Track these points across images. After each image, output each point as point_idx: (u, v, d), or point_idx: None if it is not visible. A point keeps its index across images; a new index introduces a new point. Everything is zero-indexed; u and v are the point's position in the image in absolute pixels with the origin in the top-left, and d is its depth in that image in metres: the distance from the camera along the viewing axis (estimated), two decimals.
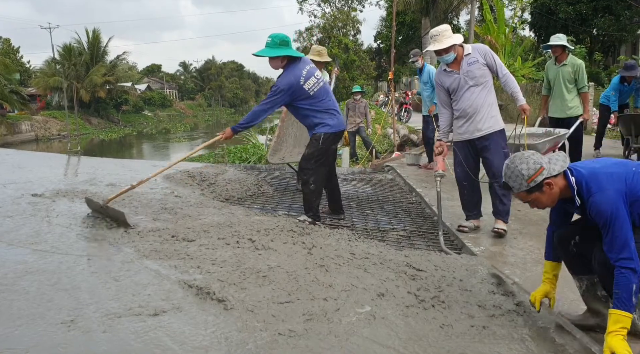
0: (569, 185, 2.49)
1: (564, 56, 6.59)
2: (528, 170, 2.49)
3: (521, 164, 2.51)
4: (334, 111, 4.77)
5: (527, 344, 2.62)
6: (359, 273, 3.41)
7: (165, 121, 55.55)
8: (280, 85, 4.50)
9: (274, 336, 2.53)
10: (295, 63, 4.61)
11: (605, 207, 2.34)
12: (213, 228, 4.18)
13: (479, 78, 4.56)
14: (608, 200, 2.35)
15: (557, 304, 2.96)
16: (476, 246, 4.24)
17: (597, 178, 2.43)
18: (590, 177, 2.45)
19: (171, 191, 5.51)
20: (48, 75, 42.11)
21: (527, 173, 2.49)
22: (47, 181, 5.60)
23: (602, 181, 2.41)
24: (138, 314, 2.62)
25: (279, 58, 4.56)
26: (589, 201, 2.42)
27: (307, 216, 4.77)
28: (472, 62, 4.57)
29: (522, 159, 2.53)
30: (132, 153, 30.18)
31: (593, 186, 2.42)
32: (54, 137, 37.20)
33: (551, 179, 2.49)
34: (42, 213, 4.24)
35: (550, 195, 2.53)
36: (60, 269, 3.12)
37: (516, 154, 2.61)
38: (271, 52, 4.53)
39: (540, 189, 2.51)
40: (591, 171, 2.49)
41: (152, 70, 78.84)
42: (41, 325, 2.44)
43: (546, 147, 5.99)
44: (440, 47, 4.47)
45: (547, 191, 2.51)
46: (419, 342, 2.58)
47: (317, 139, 4.70)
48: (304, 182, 4.78)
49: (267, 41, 4.55)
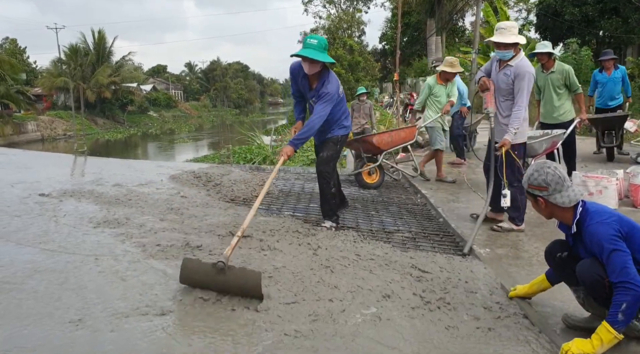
0: (574, 214, 2.66)
1: (551, 63, 6.54)
2: (535, 180, 2.71)
3: (536, 172, 2.72)
4: (347, 113, 4.88)
5: (532, 346, 2.62)
6: (365, 274, 3.42)
7: (170, 121, 55.67)
8: (333, 93, 4.41)
9: (280, 337, 2.54)
10: (328, 70, 4.56)
11: (605, 237, 2.46)
12: (219, 228, 4.20)
13: (501, 90, 4.68)
14: (609, 231, 2.47)
15: (564, 308, 2.99)
16: (482, 248, 4.24)
17: (599, 213, 2.58)
18: (595, 211, 2.60)
19: (177, 192, 5.53)
20: (54, 76, 42.30)
21: (531, 181, 2.73)
22: (54, 180, 5.63)
23: (604, 216, 2.55)
24: (145, 313, 2.64)
25: (321, 63, 4.37)
26: (587, 229, 2.56)
27: (332, 221, 4.77)
28: (507, 74, 4.59)
29: (542, 168, 2.71)
30: (137, 154, 30.27)
31: (595, 217, 2.56)
32: (60, 137, 37.36)
33: (544, 201, 2.70)
34: (50, 213, 4.27)
35: (540, 209, 2.78)
36: (67, 268, 3.14)
37: (547, 162, 2.77)
38: (321, 56, 4.29)
39: (534, 198, 2.76)
40: (600, 207, 2.65)
41: (158, 71, 79.11)
42: (49, 324, 2.46)
43: (543, 146, 5.94)
44: (502, 40, 4.49)
45: (539, 204, 2.75)
46: (425, 343, 2.59)
47: (336, 142, 4.76)
48: (326, 185, 4.74)
49: (311, 43, 4.30)
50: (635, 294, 2.30)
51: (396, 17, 21.35)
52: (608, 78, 8.77)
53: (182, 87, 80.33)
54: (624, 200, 5.69)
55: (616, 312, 2.31)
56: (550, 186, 2.66)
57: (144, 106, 54.80)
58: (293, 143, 4.35)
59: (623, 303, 2.30)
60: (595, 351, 2.34)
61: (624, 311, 2.30)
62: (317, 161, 4.82)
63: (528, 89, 4.49)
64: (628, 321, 2.34)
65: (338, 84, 4.53)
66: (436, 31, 29.62)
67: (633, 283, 2.31)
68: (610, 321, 2.33)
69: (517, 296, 3.13)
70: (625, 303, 2.30)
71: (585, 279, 2.55)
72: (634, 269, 2.37)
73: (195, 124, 54.91)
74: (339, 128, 4.75)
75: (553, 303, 3.12)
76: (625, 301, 2.30)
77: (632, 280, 2.32)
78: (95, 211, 4.42)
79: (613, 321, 2.32)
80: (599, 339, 2.34)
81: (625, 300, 2.30)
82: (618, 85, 8.81)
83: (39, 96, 44.05)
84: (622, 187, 5.77)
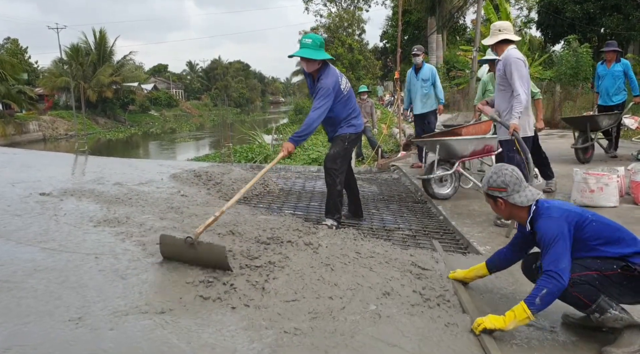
0: (528, 213, 2.79)
1: None
2: (494, 182, 2.85)
3: (495, 174, 2.86)
4: (357, 113, 4.84)
5: (532, 343, 2.62)
6: (365, 272, 3.41)
7: (171, 120, 55.71)
8: (328, 86, 4.43)
9: (280, 334, 2.54)
10: (328, 65, 4.60)
11: (549, 231, 2.58)
12: (219, 227, 4.20)
13: (499, 85, 4.83)
14: (553, 225, 2.59)
15: (563, 306, 2.99)
16: (482, 245, 4.24)
17: (549, 209, 2.70)
18: (546, 208, 2.72)
19: (177, 191, 5.54)
20: (55, 76, 42.36)
21: (490, 183, 2.87)
22: (55, 180, 5.64)
23: (552, 212, 2.67)
24: (145, 312, 2.64)
25: (317, 61, 4.47)
26: (537, 224, 2.68)
27: (334, 220, 4.74)
28: (498, 69, 4.82)
29: (501, 172, 2.85)
30: (139, 153, 30.29)
31: (544, 213, 2.69)
32: (62, 137, 37.41)
33: (504, 201, 2.83)
34: (50, 212, 4.27)
35: (500, 210, 2.91)
36: (68, 267, 3.14)
37: (505, 165, 2.93)
38: (316, 54, 4.42)
39: (494, 200, 2.90)
40: (551, 204, 2.76)
41: (159, 70, 79.18)
42: (49, 322, 2.47)
43: (469, 148, 5.79)
44: (485, 42, 4.88)
45: (499, 206, 2.89)
46: (425, 341, 2.59)
47: (343, 139, 4.73)
48: (332, 183, 4.73)
49: (306, 42, 4.44)
50: (556, 285, 2.44)
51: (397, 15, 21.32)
52: (607, 71, 8.29)
53: (183, 87, 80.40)
54: (625, 197, 5.67)
55: (536, 295, 2.46)
56: (509, 187, 2.80)
57: (145, 105, 54.87)
58: (293, 139, 4.41)
59: (544, 288, 2.44)
60: (506, 326, 2.52)
61: (542, 296, 2.44)
62: (325, 157, 4.83)
63: (519, 74, 4.58)
64: (543, 307, 2.47)
65: (335, 79, 4.50)
66: (437, 29, 29.60)
67: (559, 274, 2.44)
68: (528, 301, 2.48)
69: (455, 278, 3.31)
70: (545, 289, 2.44)
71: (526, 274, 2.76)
72: (566, 263, 2.48)
73: (197, 123, 54.95)
74: (348, 126, 4.73)
75: None
76: (547, 287, 2.44)
77: (559, 272, 2.45)
78: (95, 210, 4.43)
79: (530, 302, 2.47)
80: (513, 315, 2.51)
81: (547, 287, 2.44)
82: (619, 81, 8.24)
83: (41, 95, 44.11)
84: (623, 184, 5.76)
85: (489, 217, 5.04)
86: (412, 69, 8.12)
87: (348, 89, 4.69)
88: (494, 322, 2.55)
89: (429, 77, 7.96)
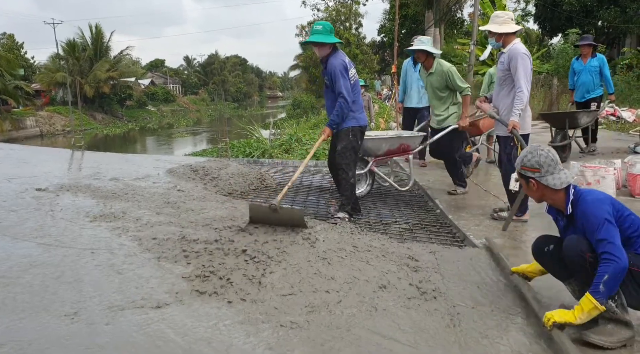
0: (567, 195, 2.71)
1: (430, 62, 5.81)
2: (529, 161, 2.76)
3: (529, 153, 2.77)
4: (360, 105, 4.92)
5: (527, 336, 2.62)
6: (361, 266, 3.41)
7: (168, 116, 55.59)
8: (334, 66, 4.67)
9: (276, 328, 2.54)
10: (337, 50, 4.82)
11: (598, 212, 2.51)
12: (216, 222, 4.20)
13: (499, 79, 4.71)
14: (601, 206, 2.53)
15: (560, 297, 3.01)
16: (478, 238, 4.24)
17: (593, 193, 2.66)
18: (587, 192, 2.68)
19: (174, 185, 5.53)
20: (52, 71, 42.20)
21: (524, 162, 2.78)
22: (51, 175, 5.62)
23: (597, 194, 2.64)
24: (141, 306, 2.64)
25: (329, 45, 4.71)
26: (581, 207, 2.61)
27: (345, 212, 4.84)
28: (501, 61, 4.67)
29: (537, 152, 2.76)
30: (136, 148, 30.25)
31: (589, 195, 2.63)
32: (59, 132, 37.31)
33: (536, 182, 2.74)
34: (46, 207, 4.26)
35: (531, 191, 2.82)
36: (64, 262, 3.13)
37: (541, 145, 2.83)
38: (326, 38, 4.68)
39: (526, 180, 2.80)
40: (591, 190, 2.73)
41: (156, 65, 78.91)
42: (45, 318, 2.46)
43: (382, 147, 5.65)
44: (499, 30, 4.59)
45: (530, 186, 2.79)
46: (421, 333, 2.59)
47: (347, 133, 4.81)
48: (345, 177, 4.83)
49: (317, 29, 4.71)
50: (617, 266, 2.36)
51: (394, 9, 21.26)
52: (583, 67, 8.01)
53: (181, 82, 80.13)
54: (622, 190, 5.68)
55: (598, 283, 2.37)
56: (542, 168, 2.72)
57: (142, 101, 54.71)
58: (329, 124, 4.76)
59: (605, 274, 2.36)
60: (576, 321, 2.41)
61: (605, 282, 2.35)
62: (335, 154, 4.90)
63: (525, 70, 4.43)
64: (610, 292, 2.39)
65: (339, 61, 4.70)
66: (434, 23, 29.51)
67: (615, 255, 2.37)
68: (593, 291, 2.38)
69: (517, 271, 3.19)
70: (607, 274, 2.35)
71: (569, 253, 2.61)
72: (619, 242, 2.42)
73: (194, 118, 54.88)
74: (350, 119, 4.80)
75: (550, 293, 3.12)
76: (607, 272, 2.36)
77: (615, 252, 2.38)
78: (91, 205, 4.41)
79: (595, 291, 2.38)
80: (581, 308, 2.41)
81: (607, 272, 2.36)
82: (596, 77, 7.99)
83: (38, 91, 43.94)
84: (619, 176, 5.77)
85: (486, 211, 5.04)
86: (410, 59, 7.68)
87: (355, 78, 4.82)
88: (563, 316, 2.45)
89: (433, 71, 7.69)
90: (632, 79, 16.75)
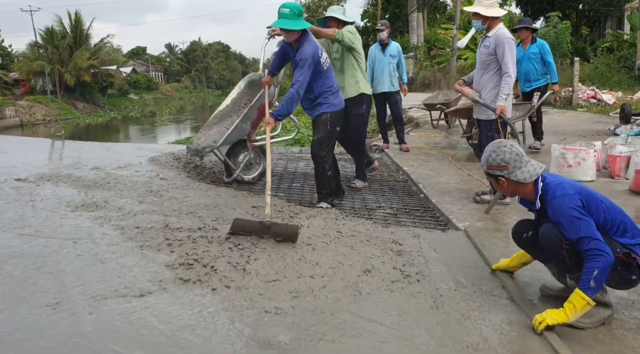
0: (535, 189, 2.69)
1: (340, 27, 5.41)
2: (494, 160, 2.73)
3: (493, 152, 2.73)
4: (336, 89, 4.71)
5: (509, 316, 2.66)
6: (346, 251, 3.43)
7: (151, 104, 54.93)
8: (307, 57, 4.31)
9: (260, 314, 2.55)
10: (308, 34, 4.47)
11: (570, 209, 2.49)
12: (200, 210, 4.17)
13: (482, 63, 4.68)
14: (573, 202, 2.51)
15: (542, 278, 3.05)
16: (461, 221, 4.28)
17: (561, 186, 2.61)
18: (556, 184, 2.63)
19: (157, 174, 5.47)
20: (31, 60, 41.32)
21: (489, 162, 2.74)
22: (31, 165, 5.53)
23: (567, 188, 2.59)
24: (124, 295, 2.62)
25: (297, 31, 4.33)
26: (551, 203, 2.58)
27: (327, 202, 4.78)
28: (486, 45, 4.64)
29: (500, 149, 2.72)
30: (119, 137, 29.87)
31: (558, 190, 2.59)
32: (40, 122, 36.64)
33: (506, 179, 2.71)
34: (26, 197, 4.20)
35: (503, 188, 2.79)
36: (45, 252, 3.10)
37: (503, 141, 2.80)
38: (295, 24, 4.29)
39: (495, 179, 2.77)
40: (560, 180, 2.68)
41: (137, 52, 77.70)
42: (25, 308, 2.44)
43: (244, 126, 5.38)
44: (487, 13, 4.53)
45: (501, 184, 2.76)
46: (404, 316, 2.61)
47: (325, 122, 4.63)
48: (321, 169, 4.71)
49: (284, 12, 4.27)
50: (605, 261, 2.36)
51: None
52: (523, 54, 7.15)
53: (163, 69, 79.14)
54: (602, 171, 5.76)
55: (588, 279, 2.36)
56: (509, 164, 2.68)
57: (124, 89, 53.95)
58: (273, 115, 4.43)
59: (595, 270, 2.35)
60: (569, 319, 2.40)
61: (595, 277, 2.35)
62: (311, 144, 4.76)
63: (512, 55, 4.46)
64: (599, 287, 2.39)
65: (313, 50, 4.37)
66: (417, 7, 29.43)
67: (603, 250, 2.37)
68: (583, 288, 2.37)
69: (499, 268, 3.16)
70: (596, 270, 2.35)
71: (545, 242, 2.61)
72: (600, 236, 2.43)
73: (177, 106, 54.33)
74: (327, 105, 4.61)
75: (531, 273, 3.17)
76: (597, 268, 2.35)
77: (602, 248, 2.38)
78: (73, 195, 4.36)
79: (586, 288, 2.37)
80: (572, 306, 2.39)
81: (597, 267, 2.35)
82: (537, 64, 7.19)
83: (17, 80, 43.09)
84: (600, 158, 5.84)
85: (469, 194, 5.08)
86: (377, 45, 7.70)
87: (328, 63, 4.59)
88: (555, 317, 2.41)
89: (396, 54, 7.62)
90: (613, 61, 16.91)
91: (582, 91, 13.64)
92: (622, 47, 18.62)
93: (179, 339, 2.27)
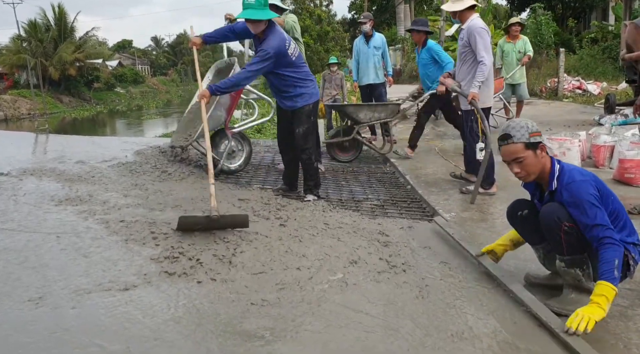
0: (552, 168, 2.62)
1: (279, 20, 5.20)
2: (533, 127, 2.61)
3: (527, 122, 2.62)
4: (312, 78, 4.68)
5: (494, 305, 2.68)
6: (332, 242, 3.43)
7: (137, 97, 54.38)
8: (270, 50, 4.19)
9: (247, 306, 2.54)
10: (274, 25, 4.36)
11: (587, 195, 2.45)
12: (185, 203, 4.15)
13: (460, 54, 4.80)
14: (590, 188, 2.48)
15: (526, 267, 3.07)
16: (447, 212, 4.30)
17: (579, 172, 2.58)
18: (572, 169, 2.60)
19: (142, 167, 5.42)
20: (14, 53, 40.69)
21: (532, 128, 2.59)
22: (14, 159, 5.46)
23: (584, 174, 2.56)
24: (108, 289, 2.60)
25: (263, 21, 4.22)
26: (568, 186, 2.52)
27: (314, 194, 4.79)
28: (461, 37, 4.76)
29: (526, 121, 2.65)
30: (105, 131, 29.58)
31: (576, 175, 2.54)
32: (24, 116, 36.15)
33: (544, 146, 2.62)
34: (9, 192, 4.14)
35: (538, 161, 2.60)
36: (28, 247, 3.06)
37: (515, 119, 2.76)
38: (262, 14, 4.15)
39: (534, 149, 2.59)
40: (573, 166, 2.66)
41: (123, 46, 76.86)
42: (7, 303, 2.41)
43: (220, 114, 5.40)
44: (450, 8, 4.74)
45: (539, 154, 2.60)
46: (390, 306, 2.62)
47: (308, 113, 4.61)
48: (309, 162, 4.72)
49: (249, 2, 4.12)
50: (621, 251, 2.37)
51: None
52: (419, 57, 6.63)
53: (149, 62, 78.35)
54: (587, 161, 5.81)
55: (611, 269, 2.32)
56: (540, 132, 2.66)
57: (110, 83, 53.31)
58: (211, 88, 4.28)
59: (615, 259, 2.33)
60: (606, 312, 2.31)
61: (617, 267, 2.33)
62: (295, 137, 4.66)
63: (484, 43, 4.54)
64: (620, 276, 2.38)
65: (279, 42, 4.25)
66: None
67: (616, 239, 2.38)
68: (609, 278, 2.31)
69: (486, 251, 3.12)
70: (616, 260, 2.33)
71: (546, 219, 2.57)
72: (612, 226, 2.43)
73: (164, 100, 53.81)
74: (307, 95, 4.55)
75: (516, 262, 3.19)
76: (616, 257, 2.34)
77: (615, 238, 2.38)
78: (57, 189, 4.30)
79: (611, 278, 2.32)
80: (605, 299, 2.30)
81: (616, 257, 2.34)
82: (430, 67, 6.48)
83: (0, 74, 42.45)
84: (584, 148, 5.89)
85: (455, 185, 5.10)
86: (361, 37, 7.78)
87: (297, 54, 4.47)
88: (596, 314, 2.28)
89: (380, 45, 7.67)
90: (597, 52, 17.04)
91: (567, 82, 13.75)
92: (607, 38, 18.77)
93: (163, 333, 2.25)
